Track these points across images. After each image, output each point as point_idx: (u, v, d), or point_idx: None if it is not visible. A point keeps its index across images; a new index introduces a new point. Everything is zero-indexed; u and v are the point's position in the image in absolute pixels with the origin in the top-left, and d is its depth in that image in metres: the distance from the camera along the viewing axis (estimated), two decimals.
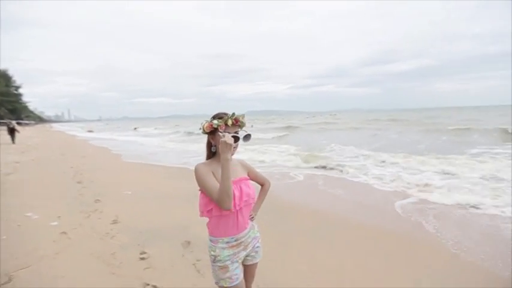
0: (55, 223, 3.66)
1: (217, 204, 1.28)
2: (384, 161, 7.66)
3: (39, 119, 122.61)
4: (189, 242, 3.11)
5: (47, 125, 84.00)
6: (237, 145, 1.38)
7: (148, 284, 2.29)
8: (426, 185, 5.39)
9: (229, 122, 1.35)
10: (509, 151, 8.97)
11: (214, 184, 1.30)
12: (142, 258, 2.74)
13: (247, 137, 1.39)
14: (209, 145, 1.45)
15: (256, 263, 1.56)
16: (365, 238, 3.32)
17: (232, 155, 1.36)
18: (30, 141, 18.21)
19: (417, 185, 5.40)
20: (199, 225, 3.50)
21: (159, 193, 5.27)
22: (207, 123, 1.37)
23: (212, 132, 1.38)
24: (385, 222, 3.79)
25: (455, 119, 29.83)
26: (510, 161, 7.17)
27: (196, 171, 1.34)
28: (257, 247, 1.54)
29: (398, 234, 3.40)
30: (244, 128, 1.41)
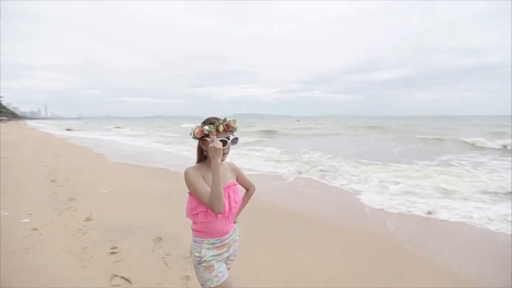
0: (26, 220, 3.67)
1: (209, 208, 1.29)
2: (357, 167, 8.08)
3: (12, 115, 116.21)
4: (160, 238, 3.25)
5: (20, 122, 79.69)
6: (228, 149, 1.39)
7: (116, 275, 2.42)
8: (393, 188, 5.81)
9: (221, 128, 1.34)
10: (472, 160, 9.72)
11: (205, 188, 1.30)
12: (113, 253, 2.85)
13: (234, 140, 1.40)
14: (200, 150, 1.43)
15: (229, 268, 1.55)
16: (334, 235, 3.59)
17: (223, 159, 1.37)
18: (2, 138, 17.35)
19: (382, 188, 5.81)
20: (172, 223, 3.66)
21: (135, 192, 5.32)
22: (198, 129, 1.35)
23: (203, 138, 1.36)
24: (351, 221, 4.10)
25: (431, 127, 31.49)
26: (471, 170, 7.82)
27: (186, 175, 1.34)
28: (235, 251, 1.56)
29: (362, 231, 3.70)
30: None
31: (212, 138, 1.30)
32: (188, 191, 1.37)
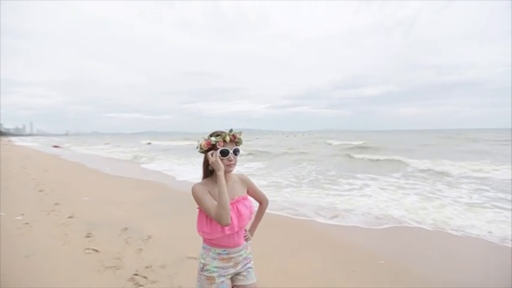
0: (19, 218, 4.57)
1: (216, 221, 1.31)
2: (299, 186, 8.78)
3: None
4: (127, 228, 4.22)
5: (4, 139, 77.92)
6: (235, 160, 1.41)
7: (88, 248, 3.40)
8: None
9: (227, 139, 1.37)
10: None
11: (211, 203, 1.33)
12: (88, 236, 3.82)
13: (236, 151, 1.41)
14: (206, 164, 1.44)
15: (250, 285, 1.52)
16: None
17: (230, 170, 1.41)
18: None
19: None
20: (140, 220, 4.71)
21: (115, 199, 6.24)
22: (205, 141, 1.38)
23: (210, 150, 1.38)
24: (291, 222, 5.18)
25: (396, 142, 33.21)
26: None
27: (193, 191, 1.37)
28: (249, 267, 1.53)
29: (296, 225, 4.78)
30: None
31: (211, 152, 1.36)
32: (197, 206, 1.41)
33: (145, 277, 2.75)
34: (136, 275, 2.79)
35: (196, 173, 10.38)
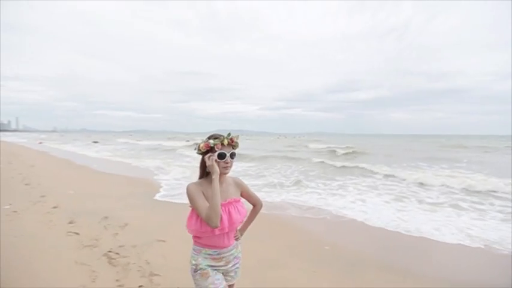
0: (7, 206, 4.99)
1: (206, 222, 1.34)
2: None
3: None
4: (107, 217, 4.70)
5: None
6: (231, 163, 1.46)
7: (70, 232, 3.87)
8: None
9: (225, 142, 1.42)
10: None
11: (203, 203, 1.36)
12: (71, 223, 4.28)
13: (232, 154, 1.46)
14: (203, 165, 1.47)
15: (233, 285, 1.61)
16: None
17: (226, 172, 1.46)
18: None
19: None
20: (120, 210, 5.20)
21: (98, 193, 6.67)
22: (204, 143, 1.42)
23: (208, 152, 1.42)
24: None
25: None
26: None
27: (187, 190, 1.41)
28: (237, 268, 1.58)
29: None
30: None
31: (210, 154, 1.40)
32: (190, 204, 1.44)
33: (117, 253, 3.27)
34: (110, 252, 3.30)
35: (175, 172, 10.85)
